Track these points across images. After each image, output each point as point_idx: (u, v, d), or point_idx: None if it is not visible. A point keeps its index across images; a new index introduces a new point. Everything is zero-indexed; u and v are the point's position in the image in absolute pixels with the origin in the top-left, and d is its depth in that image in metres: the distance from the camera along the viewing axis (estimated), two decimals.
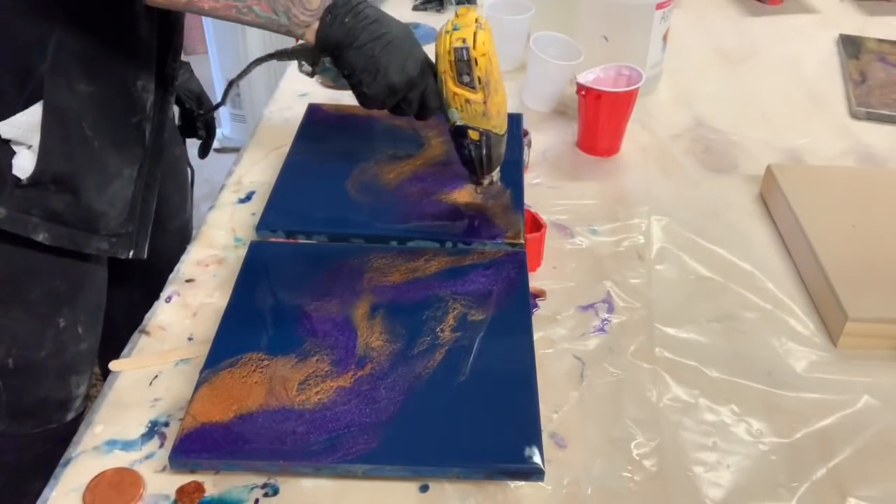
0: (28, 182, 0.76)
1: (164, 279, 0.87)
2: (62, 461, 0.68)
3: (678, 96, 1.29)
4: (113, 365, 0.77)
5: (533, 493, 0.67)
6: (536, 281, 0.88)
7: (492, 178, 0.89)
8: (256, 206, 0.97)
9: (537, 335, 0.80)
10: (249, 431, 0.66)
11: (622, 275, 0.90)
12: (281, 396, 0.69)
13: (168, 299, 0.84)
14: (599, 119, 1.09)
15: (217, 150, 1.11)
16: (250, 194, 1.00)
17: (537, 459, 0.65)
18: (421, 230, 0.89)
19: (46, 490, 0.66)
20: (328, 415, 0.68)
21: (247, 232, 0.93)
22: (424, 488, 0.67)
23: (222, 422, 0.67)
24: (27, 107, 0.75)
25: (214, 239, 0.93)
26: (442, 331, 0.77)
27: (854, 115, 1.25)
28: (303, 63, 0.83)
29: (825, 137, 1.19)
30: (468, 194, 0.93)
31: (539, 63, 1.18)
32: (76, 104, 0.78)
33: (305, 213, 0.91)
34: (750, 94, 1.30)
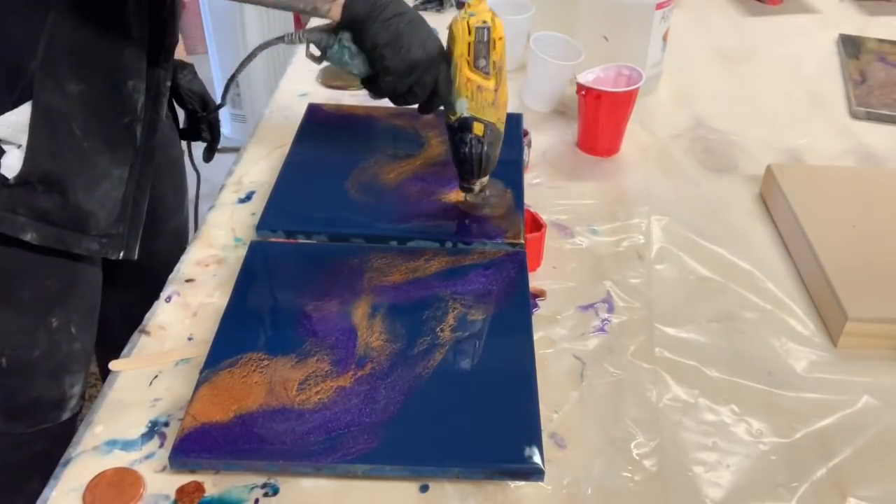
0: (15, 181, 0.76)
1: (160, 280, 0.87)
2: (62, 461, 0.68)
3: (678, 96, 1.29)
4: (113, 365, 0.76)
5: (533, 493, 0.67)
6: (536, 281, 0.88)
7: (483, 185, 0.89)
8: (256, 206, 0.97)
9: (537, 335, 0.80)
10: (249, 431, 0.66)
11: (622, 275, 0.90)
12: (281, 396, 0.69)
13: (168, 299, 0.84)
14: (599, 119, 1.09)
15: (217, 150, 1.11)
16: (250, 194, 1.00)
17: (537, 459, 0.65)
18: (421, 230, 0.89)
19: (46, 490, 0.66)
20: (328, 415, 0.68)
21: (247, 232, 0.93)
22: (424, 488, 0.67)
23: (222, 422, 0.67)
24: (17, 106, 0.75)
25: (214, 239, 0.93)
26: (442, 331, 0.77)
27: (854, 115, 1.25)
28: (311, 45, 0.83)
29: (825, 137, 1.19)
30: None
31: (539, 63, 1.18)
32: (66, 104, 0.78)
33: (305, 213, 0.91)
34: (750, 94, 1.30)
